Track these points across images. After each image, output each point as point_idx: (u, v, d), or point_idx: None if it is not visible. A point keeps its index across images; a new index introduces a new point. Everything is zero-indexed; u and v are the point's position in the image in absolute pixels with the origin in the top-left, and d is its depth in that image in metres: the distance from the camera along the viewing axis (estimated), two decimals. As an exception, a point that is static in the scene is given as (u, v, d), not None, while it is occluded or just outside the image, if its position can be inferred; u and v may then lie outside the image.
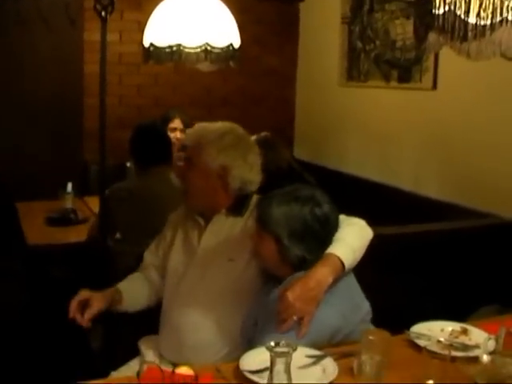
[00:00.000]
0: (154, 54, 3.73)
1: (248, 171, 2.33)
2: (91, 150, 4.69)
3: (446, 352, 1.79)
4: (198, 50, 3.59)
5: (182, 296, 2.33)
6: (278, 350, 1.40)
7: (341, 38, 5.08)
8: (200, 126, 2.43)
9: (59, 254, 3.44)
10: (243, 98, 5.70)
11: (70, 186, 4.10)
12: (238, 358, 1.87)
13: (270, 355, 1.41)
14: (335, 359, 1.87)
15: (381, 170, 4.68)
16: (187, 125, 4.57)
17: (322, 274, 2.00)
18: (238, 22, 3.33)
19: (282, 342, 1.43)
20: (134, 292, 2.48)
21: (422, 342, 1.98)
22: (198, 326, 2.27)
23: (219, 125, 2.41)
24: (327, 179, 5.02)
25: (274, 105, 5.81)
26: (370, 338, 1.82)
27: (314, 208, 2.07)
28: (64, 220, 3.84)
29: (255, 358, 1.82)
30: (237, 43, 3.68)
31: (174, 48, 3.63)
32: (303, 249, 2.06)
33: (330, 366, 1.84)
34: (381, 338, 1.83)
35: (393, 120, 4.55)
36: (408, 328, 2.11)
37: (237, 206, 2.35)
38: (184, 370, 1.72)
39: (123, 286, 2.48)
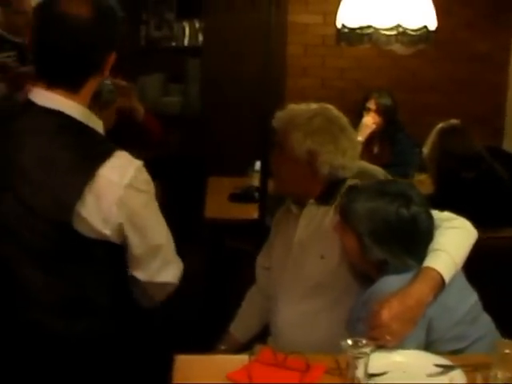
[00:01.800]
0: (346, 36, 3.67)
1: (340, 156, 2.15)
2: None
3: None
4: (390, 31, 3.48)
5: (281, 292, 2.27)
6: (357, 350, 1.30)
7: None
8: (290, 109, 2.27)
9: (234, 229, 3.52)
10: (450, 84, 5.40)
11: (258, 165, 4.16)
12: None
13: (348, 355, 1.32)
14: (466, 372, 1.71)
15: None
16: (386, 108, 4.45)
17: (422, 292, 1.80)
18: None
19: (362, 341, 1.32)
20: (248, 323, 2.49)
21: None
22: (295, 323, 2.20)
23: (310, 107, 2.25)
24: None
25: (482, 92, 5.44)
26: (506, 351, 1.64)
27: (400, 208, 1.86)
28: (246, 197, 3.89)
29: (377, 362, 1.65)
30: (432, 25, 3.50)
31: (365, 30, 3.55)
32: (385, 251, 1.88)
33: (458, 380, 1.67)
34: (517, 353, 1.64)
35: None
36: None
37: (326, 194, 2.20)
38: (298, 358, 1.69)
39: (236, 326, 2.49)
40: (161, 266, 1.73)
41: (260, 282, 2.50)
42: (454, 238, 1.92)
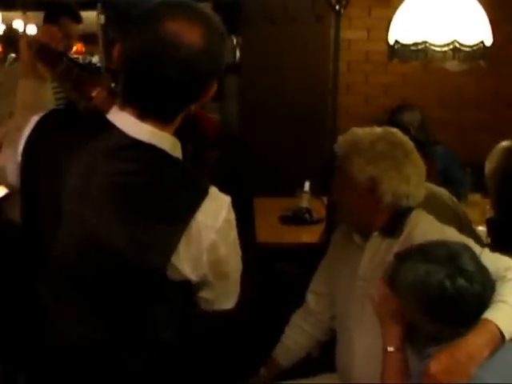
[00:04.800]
0: (399, 52, 3.58)
1: (404, 184, 2.00)
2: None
3: None
4: (446, 47, 3.38)
5: (353, 323, 2.17)
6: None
7: None
8: (352, 133, 2.13)
9: (288, 253, 3.43)
10: (496, 101, 5.29)
11: (307, 185, 4.07)
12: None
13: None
14: None
15: None
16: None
17: (475, 345, 1.62)
18: (490, 18, 3.04)
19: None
20: (292, 347, 2.43)
21: None
22: (372, 354, 2.02)
23: (373, 131, 2.11)
24: None
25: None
26: None
27: (444, 279, 1.64)
28: (297, 219, 3.82)
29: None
30: (488, 41, 3.40)
31: (420, 45, 3.46)
32: (436, 325, 1.69)
33: None
34: None
35: None
36: None
37: (390, 225, 2.06)
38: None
39: (278, 351, 2.43)
40: (227, 294, 1.60)
41: (311, 307, 2.41)
42: None
